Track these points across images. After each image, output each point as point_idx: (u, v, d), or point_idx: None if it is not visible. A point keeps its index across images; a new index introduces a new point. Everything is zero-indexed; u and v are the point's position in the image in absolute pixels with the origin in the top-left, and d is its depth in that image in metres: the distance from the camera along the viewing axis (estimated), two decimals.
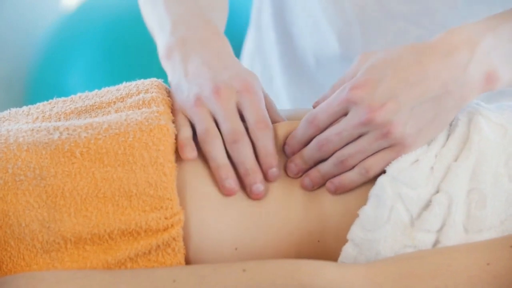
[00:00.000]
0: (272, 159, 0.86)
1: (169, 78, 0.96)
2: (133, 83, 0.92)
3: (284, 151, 0.88)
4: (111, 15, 2.00)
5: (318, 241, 0.84)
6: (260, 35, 1.43)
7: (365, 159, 0.84)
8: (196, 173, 0.84)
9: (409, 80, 0.82)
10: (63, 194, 0.79)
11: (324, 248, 0.84)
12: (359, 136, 0.84)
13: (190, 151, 0.85)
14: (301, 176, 0.86)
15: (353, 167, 0.85)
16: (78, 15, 2.05)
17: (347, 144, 0.85)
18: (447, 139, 0.85)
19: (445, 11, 0.89)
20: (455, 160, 0.82)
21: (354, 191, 0.84)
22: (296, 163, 0.86)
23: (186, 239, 0.82)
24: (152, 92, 0.89)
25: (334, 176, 0.85)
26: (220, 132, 0.86)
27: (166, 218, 0.80)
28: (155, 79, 0.93)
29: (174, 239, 0.80)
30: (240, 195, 0.84)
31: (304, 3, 1.31)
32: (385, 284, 0.75)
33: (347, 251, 0.81)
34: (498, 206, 0.81)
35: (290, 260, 0.79)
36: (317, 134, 0.86)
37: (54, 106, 0.91)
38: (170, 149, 0.82)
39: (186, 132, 0.87)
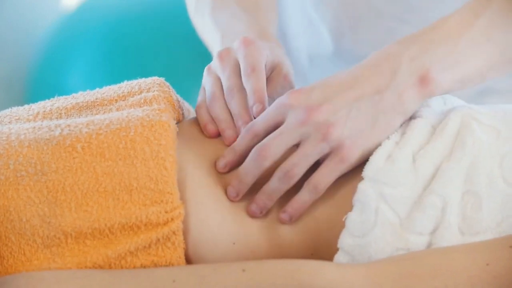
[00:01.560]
0: (258, 95, 0.89)
1: None
2: (135, 81, 0.93)
3: (217, 165, 0.87)
4: (111, 15, 2.00)
5: (312, 254, 0.84)
6: None
7: (310, 176, 0.83)
8: (197, 168, 0.84)
9: (341, 86, 0.84)
10: (64, 189, 0.79)
11: (319, 258, 0.84)
12: (298, 145, 0.84)
13: (211, 128, 0.90)
14: (240, 199, 0.85)
15: (299, 182, 0.83)
16: (78, 15, 2.05)
17: (286, 155, 0.84)
18: (431, 136, 0.84)
19: (432, 8, 0.90)
20: (444, 160, 0.82)
21: (341, 199, 0.83)
22: (233, 185, 0.85)
23: (186, 233, 0.82)
24: (154, 91, 0.89)
25: (281, 193, 0.84)
26: None
27: (166, 212, 0.80)
28: (157, 77, 0.93)
29: (174, 233, 0.80)
30: None
31: (299, 4, 1.31)
32: (385, 284, 0.75)
33: (339, 260, 0.81)
34: (493, 208, 0.80)
35: (290, 260, 0.79)
36: (255, 144, 0.85)
37: (55, 103, 0.91)
38: (172, 143, 0.82)
39: (203, 111, 0.93)
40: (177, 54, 1.92)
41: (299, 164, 0.83)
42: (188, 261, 0.82)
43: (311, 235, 0.84)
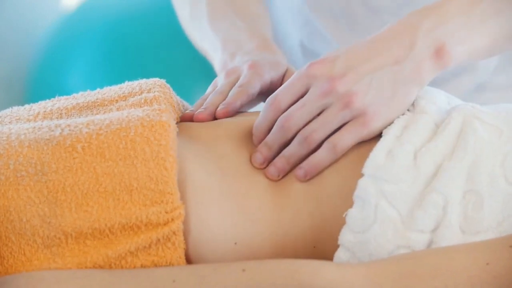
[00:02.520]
0: (230, 99, 0.96)
1: None
2: (136, 82, 0.93)
3: (253, 142, 0.89)
4: (111, 15, 2.00)
5: (314, 246, 0.84)
6: None
7: (331, 135, 0.85)
8: (197, 168, 0.84)
9: (363, 55, 0.87)
10: (64, 189, 0.79)
11: (321, 253, 0.84)
12: (321, 113, 0.86)
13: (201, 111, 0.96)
14: (267, 165, 0.87)
15: (319, 146, 0.85)
16: (78, 15, 2.05)
17: (310, 121, 0.86)
18: (433, 134, 0.84)
19: (428, 2, 0.92)
20: (445, 158, 0.82)
21: (343, 196, 0.83)
22: (261, 151, 0.87)
23: (186, 234, 0.82)
24: (155, 91, 0.89)
25: (300, 158, 0.86)
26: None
27: (166, 212, 0.80)
28: (158, 79, 0.93)
29: (174, 233, 0.80)
30: (240, 191, 0.84)
31: (293, 2, 1.31)
32: (385, 284, 0.75)
33: (339, 256, 0.81)
34: (495, 207, 0.80)
35: (290, 260, 0.79)
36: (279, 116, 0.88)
37: (56, 103, 0.91)
38: (172, 144, 0.82)
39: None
40: (177, 54, 1.91)
41: (319, 130, 0.85)
42: (189, 261, 0.82)
43: (313, 233, 0.84)
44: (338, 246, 0.82)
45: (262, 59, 1.04)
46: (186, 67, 1.89)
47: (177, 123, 0.90)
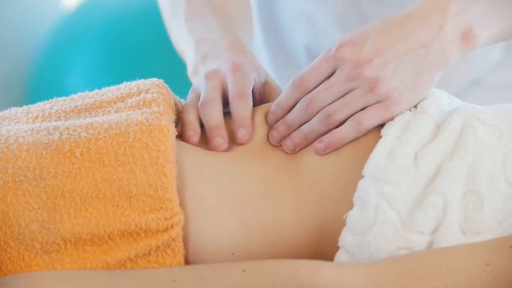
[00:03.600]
0: (244, 121, 0.89)
1: None
2: (134, 82, 0.92)
3: (267, 120, 0.89)
4: (111, 15, 2.00)
5: (315, 251, 0.84)
6: (255, 37, 1.43)
7: (355, 114, 0.86)
8: (196, 174, 0.84)
9: (391, 39, 0.86)
10: (63, 194, 0.79)
11: (321, 257, 0.83)
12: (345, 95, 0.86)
13: (192, 135, 0.90)
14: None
15: (340, 124, 0.85)
16: (78, 15, 2.05)
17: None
18: (433, 135, 0.84)
19: None
20: (446, 159, 0.82)
21: (343, 197, 0.83)
22: (279, 130, 0.87)
23: (185, 240, 0.81)
24: (153, 92, 0.89)
25: (319, 135, 0.86)
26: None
27: (166, 219, 0.80)
28: (156, 79, 0.93)
29: (174, 239, 0.80)
30: (238, 200, 0.84)
31: (295, 2, 1.31)
32: (385, 284, 0.75)
33: (339, 258, 0.81)
34: (495, 207, 0.80)
35: (290, 260, 0.79)
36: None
37: (54, 105, 0.91)
38: (171, 149, 0.81)
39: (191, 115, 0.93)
40: (177, 54, 1.91)
41: (341, 110, 0.86)
42: None
43: (313, 237, 0.84)
44: (338, 248, 0.82)
45: (240, 59, 1.00)
46: (186, 67, 1.88)
47: (176, 124, 0.90)
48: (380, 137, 0.84)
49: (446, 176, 0.81)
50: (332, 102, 0.87)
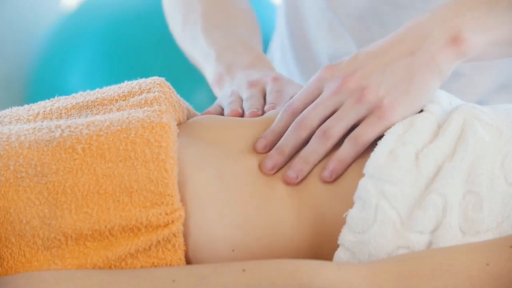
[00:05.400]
0: (276, 99, 0.97)
1: (219, 97, 1.08)
2: (135, 81, 0.93)
3: (256, 146, 0.88)
4: (111, 15, 2.00)
5: (315, 249, 0.84)
6: (282, 41, 1.45)
7: (350, 131, 0.85)
8: (197, 170, 0.84)
9: (375, 52, 0.87)
10: (64, 190, 0.79)
11: (321, 255, 0.84)
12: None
13: (212, 110, 1.00)
14: (276, 172, 0.86)
15: (338, 142, 0.85)
16: (78, 15, 2.05)
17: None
18: (434, 135, 0.84)
19: None
20: (446, 159, 0.82)
21: (343, 196, 0.83)
22: (272, 157, 0.86)
23: (186, 236, 0.82)
24: (155, 91, 0.89)
25: (319, 156, 0.85)
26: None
27: (166, 214, 0.80)
28: (157, 77, 0.93)
29: (174, 235, 0.80)
30: (239, 197, 0.84)
31: (316, 7, 1.31)
32: (385, 284, 0.75)
33: (339, 256, 0.81)
34: (494, 208, 0.80)
35: (290, 260, 0.79)
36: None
37: (55, 103, 0.91)
38: (172, 145, 0.82)
39: (214, 109, 1.02)
40: (177, 54, 1.91)
41: (335, 125, 0.85)
42: (188, 263, 0.82)
43: (314, 235, 0.84)
44: (338, 246, 0.82)
45: (279, 74, 1.06)
46: (186, 67, 1.88)
47: (178, 123, 0.90)
48: (382, 135, 0.84)
49: (446, 176, 0.81)
50: (324, 120, 0.86)
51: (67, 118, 0.87)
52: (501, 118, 0.86)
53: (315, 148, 0.85)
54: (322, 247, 0.84)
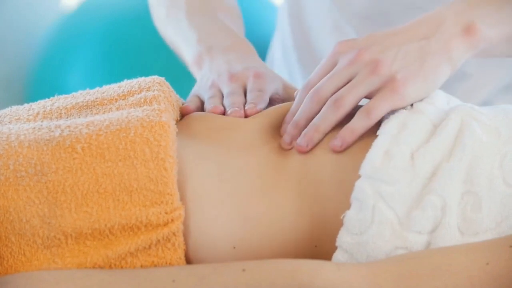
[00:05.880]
0: (255, 100, 0.96)
1: (198, 79, 1.06)
2: (135, 80, 0.93)
3: (281, 132, 0.89)
4: (111, 15, 2.00)
5: (315, 246, 0.84)
6: (284, 42, 1.45)
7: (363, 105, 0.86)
8: (197, 168, 0.84)
9: (391, 32, 0.89)
10: (64, 189, 0.79)
11: (322, 253, 0.84)
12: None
13: (191, 105, 0.97)
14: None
15: (351, 112, 0.86)
16: (78, 15, 2.05)
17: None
18: (430, 135, 0.84)
19: None
20: (443, 159, 0.82)
21: (341, 197, 0.83)
22: (288, 131, 0.88)
23: (185, 235, 0.82)
24: (154, 90, 0.89)
25: (330, 125, 0.86)
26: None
27: (166, 213, 0.80)
28: (156, 76, 0.93)
29: (174, 234, 0.80)
30: (238, 195, 0.84)
31: (321, 7, 1.31)
32: (384, 284, 0.75)
33: (337, 258, 0.81)
34: (493, 208, 0.80)
35: (290, 260, 0.79)
36: None
37: (55, 102, 0.91)
38: (171, 144, 0.82)
39: (193, 102, 0.99)
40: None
41: (348, 93, 0.86)
42: (188, 262, 0.82)
43: (313, 235, 0.84)
44: (336, 248, 0.82)
45: (263, 67, 1.05)
46: (186, 67, 1.89)
47: (176, 122, 0.90)
48: (376, 136, 0.84)
49: (444, 176, 0.81)
50: (335, 91, 0.88)
51: (67, 118, 0.88)
52: (499, 119, 0.86)
53: (326, 116, 0.86)
54: (322, 246, 0.84)
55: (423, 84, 0.86)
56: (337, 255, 0.81)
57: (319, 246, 0.84)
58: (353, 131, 0.85)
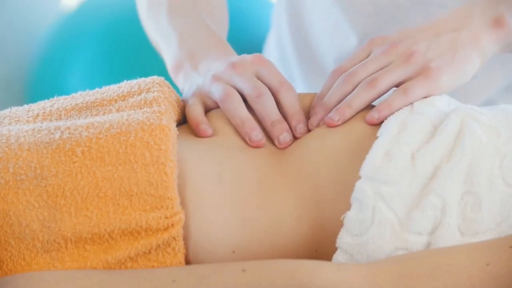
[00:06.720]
0: (300, 115, 0.90)
1: (180, 87, 1.01)
2: (135, 81, 0.92)
3: (310, 114, 0.90)
4: (111, 15, 1.99)
5: (316, 251, 0.84)
6: (281, 40, 1.43)
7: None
8: (197, 173, 0.84)
9: (421, 28, 0.91)
10: (63, 193, 0.79)
11: (322, 255, 0.84)
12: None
13: (205, 129, 0.89)
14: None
15: (383, 92, 0.88)
16: (78, 15, 2.05)
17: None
18: (431, 136, 0.84)
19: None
20: (443, 159, 0.82)
21: (342, 198, 0.83)
22: (316, 111, 0.89)
23: (186, 239, 0.82)
24: (154, 91, 0.89)
25: (363, 103, 0.88)
26: (242, 96, 0.91)
27: (166, 218, 0.80)
28: (156, 76, 0.93)
29: (174, 238, 0.80)
30: (239, 199, 0.84)
31: (322, 7, 1.30)
32: (385, 284, 0.75)
33: (337, 259, 0.81)
34: (493, 208, 0.80)
35: (290, 260, 0.79)
36: None
37: (55, 103, 0.91)
38: (172, 148, 0.82)
39: (197, 110, 0.91)
40: None
41: (382, 76, 0.88)
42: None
43: (314, 237, 0.84)
44: (336, 248, 0.82)
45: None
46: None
47: (177, 123, 0.90)
48: (377, 137, 0.84)
49: (444, 177, 0.81)
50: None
51: (67, 119, 0.87)
52: (499, 119, 0.86)
53: (360, 95, 0.88)
54: (322, 248, 0.84)
55: (455, 74, 0.89)
56: (337, 256, 0.81)
57: (319, 250, 0.84)
58: (390, 105, 0.87)
